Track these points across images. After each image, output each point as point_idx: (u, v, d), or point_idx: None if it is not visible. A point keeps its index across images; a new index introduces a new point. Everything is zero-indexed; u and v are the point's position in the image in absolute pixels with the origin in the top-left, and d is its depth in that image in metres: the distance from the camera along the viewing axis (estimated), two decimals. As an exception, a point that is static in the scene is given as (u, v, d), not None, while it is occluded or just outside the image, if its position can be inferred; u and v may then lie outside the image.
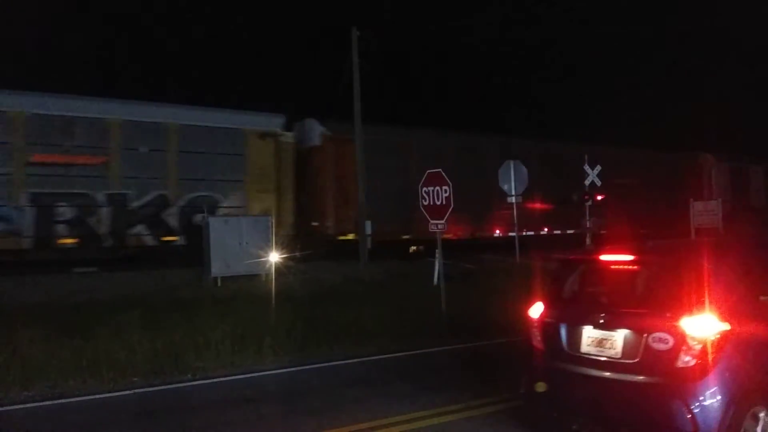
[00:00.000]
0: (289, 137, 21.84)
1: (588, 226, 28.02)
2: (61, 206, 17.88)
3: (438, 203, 12.20)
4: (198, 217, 18.99)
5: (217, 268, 17.02)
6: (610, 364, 5.40)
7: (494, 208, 24.24)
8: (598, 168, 27.63)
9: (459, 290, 13.93)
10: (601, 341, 5.50)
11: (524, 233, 23.94)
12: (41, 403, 7.73)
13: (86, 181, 18.24)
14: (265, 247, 17.28)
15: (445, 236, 15.75)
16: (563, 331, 5.82)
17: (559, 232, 27.63)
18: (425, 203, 12.47)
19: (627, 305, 5.65)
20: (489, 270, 18.66)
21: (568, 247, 26.90)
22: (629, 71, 57.68)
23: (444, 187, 12.08)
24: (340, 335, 10.72)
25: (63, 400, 7.85)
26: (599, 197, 28.47)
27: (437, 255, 13.40)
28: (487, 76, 53.36)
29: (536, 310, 6.17)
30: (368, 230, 20.69)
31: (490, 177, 21.60)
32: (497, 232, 25.48)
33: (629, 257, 5.92)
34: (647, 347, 5.18)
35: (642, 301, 5.64)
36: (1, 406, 7.62)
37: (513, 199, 19.53)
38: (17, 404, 7.70)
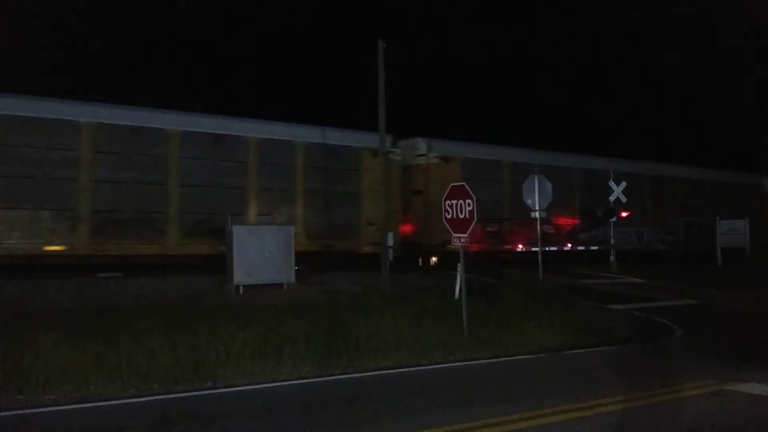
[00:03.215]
0: (397, 154, 24.83)
1: (612, 242, 27.87)
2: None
3: (461, 216, 12.14)
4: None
5: (239, 277, 17.10)
6: None
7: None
8: (623, 184, 27.49)
9: (481, 304, 13.87)
10: None
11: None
12: (63, 407, 7.79)
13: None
14: (288, 256, 17.33)
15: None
16: None
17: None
18: (448, 216, 12.42)
19: None
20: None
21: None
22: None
23: (467, 201, 12.03)
24: (360, 347, 10.69)
25: (84, 405, 7.90)
26: (624, 214, 28.30)
27: (459, 268, 13.32)
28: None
29: None
30: (389, 242, 20.69)
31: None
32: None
33: None
34: None
35: None
36: (24, 408, 7.69)
37: (537, 214, 19.38)
38: (39, 407, 7.76)
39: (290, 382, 9.17)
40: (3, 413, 7.46)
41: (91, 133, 19.48)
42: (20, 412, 7.56)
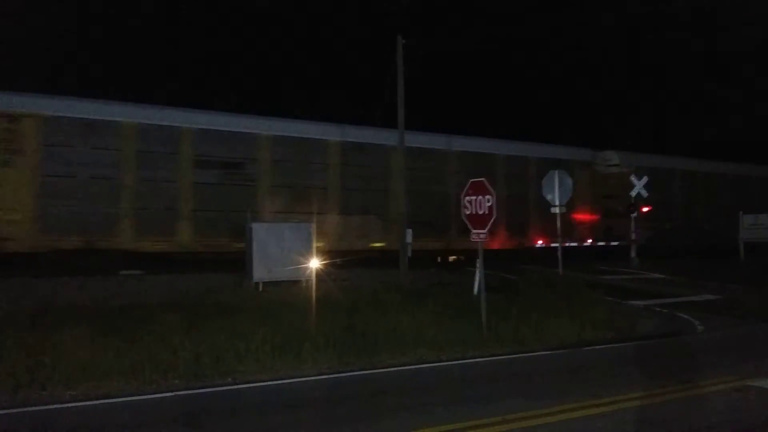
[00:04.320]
0: (599, 164, 29.82)
1: (634, 238, 27.65)
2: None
3: (481, 212, 12.10)
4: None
5: (259, 273, 17.19)
6: None
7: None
8: (645, 179, 27.28)
9: (501, 300, 13.85)
10: None
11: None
12: (85, 403, 7.86)
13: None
14: (307, 253, 17.39)
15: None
16: None
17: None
18: (467, 212, 12.38)
19: None
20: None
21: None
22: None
23: (487, 197, 11.98)
24: (379, 343, 10.71)
25: (106, 401, 7.97)
26: (645, 209, 28.08)
27: (478, 265, 13.29)
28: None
29: None
30: (408, 239, 20.70)
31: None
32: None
33: None
34: None
35: None
36: (47, 404, 7.78)
37: (557, 210, 19.23)
38: (62, 403, 7.84)
39: (310, 378, 9.21)
40: (27, 409, 7.57)
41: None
42: (44, 407, 7.65)
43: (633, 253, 27.70)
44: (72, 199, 18.83)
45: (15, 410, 7.50)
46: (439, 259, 25.30)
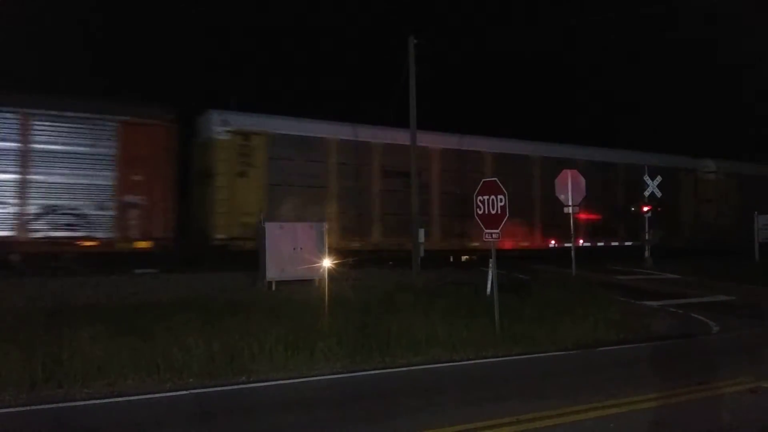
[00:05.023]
0: (698, 171, 31.97)
1: (647, 238, 27.50)
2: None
3: (493, 212, 12.08)
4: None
5: (272, 273, 17.23)
6: None
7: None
8: (659, 179, 27.16)
9: (513, 300, 13.82)
10: None
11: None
12: (100, 401, 7.93)
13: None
14: (319, 252, 17.44)
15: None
16: None
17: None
18: (480, 212, 12.36)
19: None
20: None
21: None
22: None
23: (499, 196, 11.96)
24: (392, 343, 10.71)
25: (121, 399, 8.04)
26: (659, 209, 27.90)
27: (491, 264, 13.27)
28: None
29: None
30: (421, 238, 20.72)
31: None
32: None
33: None
34: None
35: None
36: (63, 402, 7.86)
37: (570, 210, 19.17)
38: (78, 401, 7.92)
39: (323, 377, 9.23)
40: (43, 406, 7.65)
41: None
42: (60, 405, 7.73)
43: (647, 253, 27.55)
44: (289, 204, 20.97)
45: (32, 407, 7.58)
46: (451, 259, 25.31)
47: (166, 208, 19.32)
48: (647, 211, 27.34)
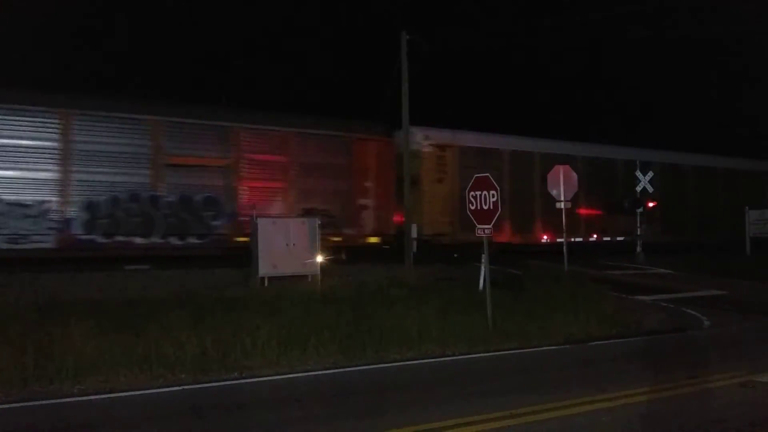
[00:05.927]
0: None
1: (639, 233, 27.62)
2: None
3: (485, 208, 12.11)
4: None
5: (264, 269, 17.20)
6: None
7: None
8: (650, 174, 27.29)
9: (506, 296, 13.84)
10: None
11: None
12: (93, 397, 7.92)
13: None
14: (312, 248, 17.43)
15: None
16: None
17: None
18: (472, 208, 12.39)
19: None
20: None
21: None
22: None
23: (492, 192, 11.99)
24: (384, 338, 10.72)
25: (114, 394, 8.02)
26: (651, 204, 28.05)
27: (483, 260, 13.30)
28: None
29: None
30: (414, 233, 20.76)
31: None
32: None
33: None
34: None
35: None
36: (55, 398, 7.83)
37: (561, 205, 19.19)
38: (70, 397, 7.91)
39: (315, 373, 9.24)
40: (35, 402, 7.62)
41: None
42: (51, 401, 7.71)
43: (639, 248, 27.66)
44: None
45: (24, 404, 7.56)
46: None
47: (389, 209, 22.99)
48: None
